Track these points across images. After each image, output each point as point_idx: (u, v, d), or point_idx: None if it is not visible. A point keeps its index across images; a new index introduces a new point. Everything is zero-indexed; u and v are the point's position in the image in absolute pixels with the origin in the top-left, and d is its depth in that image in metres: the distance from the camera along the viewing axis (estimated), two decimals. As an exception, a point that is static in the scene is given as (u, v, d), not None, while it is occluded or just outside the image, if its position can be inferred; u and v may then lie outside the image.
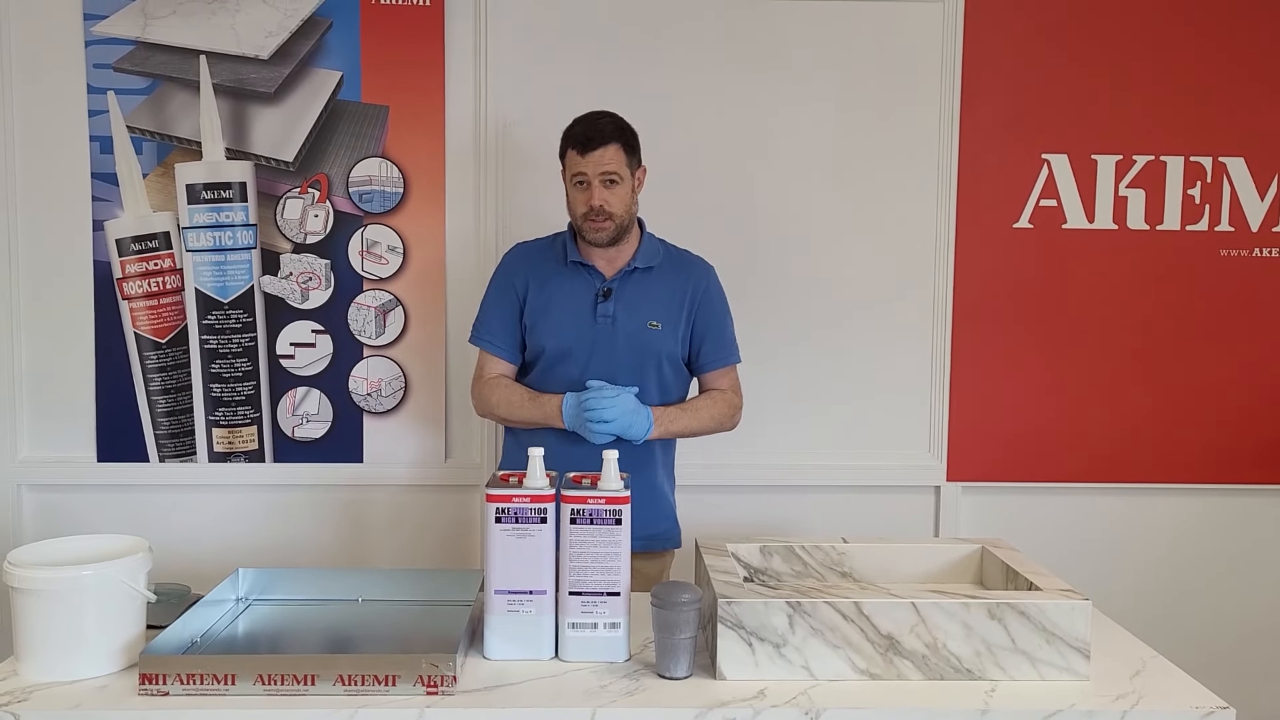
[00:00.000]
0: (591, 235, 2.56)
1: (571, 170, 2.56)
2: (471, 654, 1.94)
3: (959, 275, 3.26)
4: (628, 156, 2.57)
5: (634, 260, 2.63)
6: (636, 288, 2.63)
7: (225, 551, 3.19)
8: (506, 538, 1.92)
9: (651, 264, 2.65)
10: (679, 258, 2.73)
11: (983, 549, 2.24)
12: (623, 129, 2.58)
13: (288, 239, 3.16)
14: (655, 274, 2.65)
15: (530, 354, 2.65)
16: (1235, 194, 3.26)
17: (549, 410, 2.55)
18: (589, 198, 2.52)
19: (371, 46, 3.13)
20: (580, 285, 2.62)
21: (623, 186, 2.55)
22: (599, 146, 2.52)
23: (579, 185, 2.55)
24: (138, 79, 3.11)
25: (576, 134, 2.55)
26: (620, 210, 2.55)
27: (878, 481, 3.30)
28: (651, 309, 2.62)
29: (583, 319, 2.60)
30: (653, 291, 2.63)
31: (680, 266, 2.70)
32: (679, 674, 1.84)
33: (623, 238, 2.60)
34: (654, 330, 2.61)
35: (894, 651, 1.85)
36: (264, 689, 1.75)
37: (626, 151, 2.56)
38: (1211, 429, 3.32)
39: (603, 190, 2.52)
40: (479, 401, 2.70)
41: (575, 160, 2.54)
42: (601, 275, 2.62)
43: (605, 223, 2.54)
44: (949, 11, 3.20)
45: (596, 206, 2.51)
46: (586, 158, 2.52)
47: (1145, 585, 3.35)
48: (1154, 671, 1.91)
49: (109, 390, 3.17)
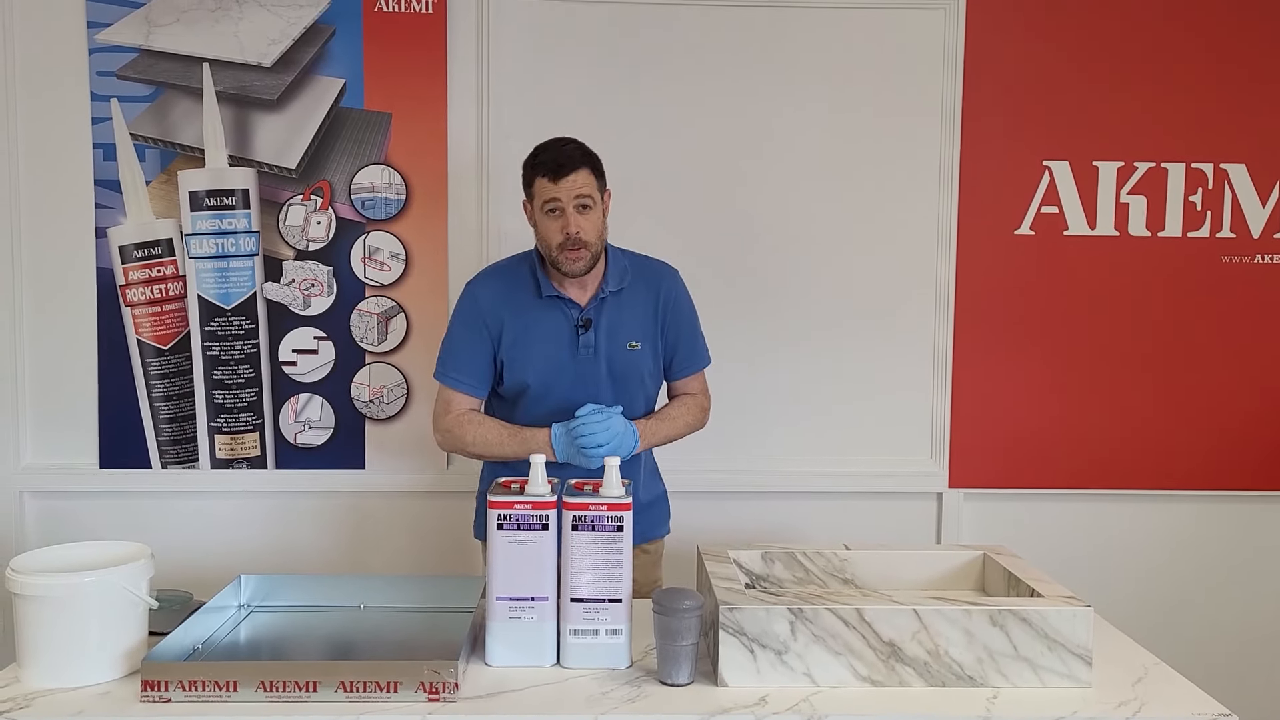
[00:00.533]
0: (568, 267, 2.48)
1: (543, 198, 2.48)
2: (473, 660, 1.94)
3: (960, 281, 3.26)
4: (597, 180, 2.52)
5: (605, 284, 2.57)
6: (613, 312, 2.59)
7: (227, 558, 3.19)
8: (508, 544, 1.92)
9: (622, 285, 2.60)
10: (643, 268, 2.67)
11: (984, 555, 2.24)
12: (589, 154, 2.52)
13: (290, 246, 3.16)
14: (626, 294, 2.61)
15: (510, 389, 2.60)
16: (1237, 200, 3.26)
17: (536, 444, 2.49)
18: (564, 224, 2.44)
19: (374, 54, 3.14)
20: (558, 319, 2.57)
21: (595, 211, 2.49)
22: (571, 172, 2.46)
23: (551, 214, 2.47)
24: (141, 86, 3.12)
25: (545, 161, 2.49)
26: (594, 237, 2.48)
27: (880, 488, 3.30)
28: (629, 330, 2.59)
29: (563, 351, 2.56)
30: (627, 312, 2.61)
31: (647, 279, 2.65)
32: (681, 681, 1.84)
33: (595, 264, 2.54)
34: (634, 351, 2.60)
35: (896, 658, 1.85)
36: (266, 696, 1.75)
37: (596, 176, 2.51)
38: (1214, 435, 3.32)
39: (577, 216, 2.45)
40: (446, 438, 2.62)
41: (546, 187, 2.47)
42: (577, 305, 2.57)
43: (581, 251, 2.46)
44: (950, 18, 3.20)
45: (574, 234, 2.44)
46: (559, 184, 2.45)
47: (1147, 592, 3.35)
48: (1156, 678, 1.91)
49: (111, 397, 3.17)
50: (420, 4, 3.13)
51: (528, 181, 2.54)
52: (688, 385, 2.73)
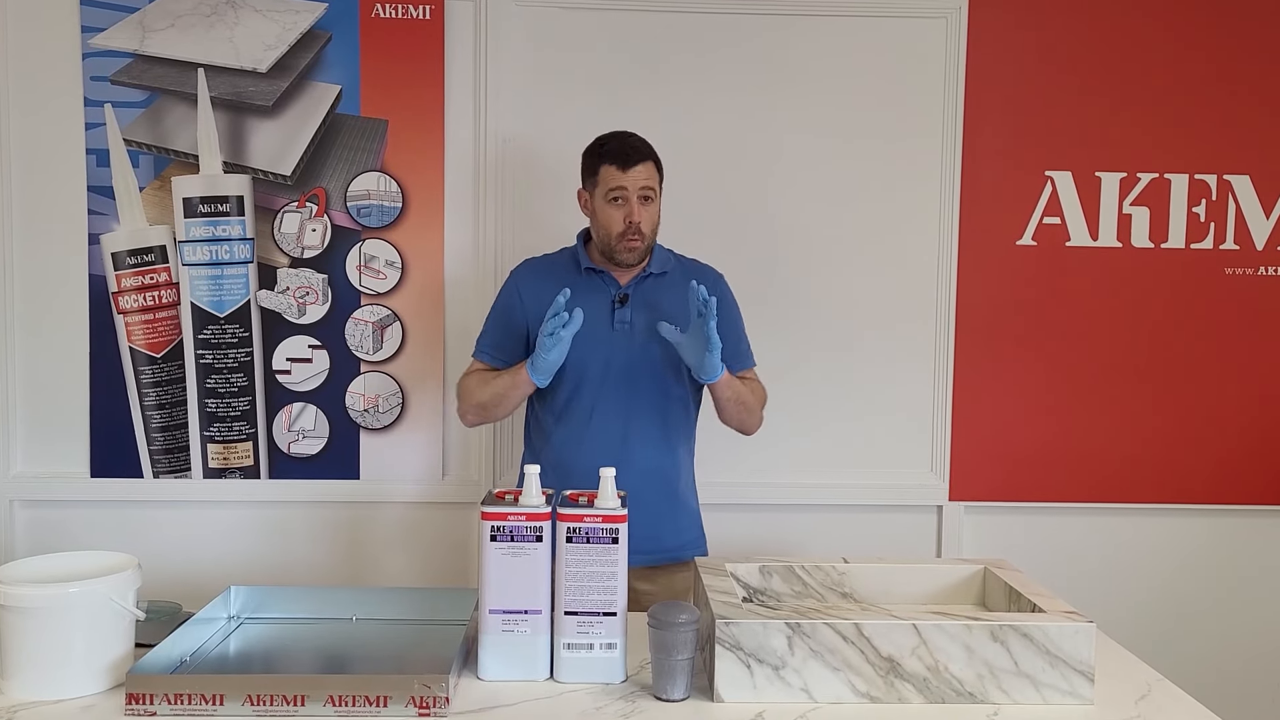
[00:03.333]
0: (623, 256, 2.57)
1: (608, 185, 2.54)
2: (465, 674, 1.91)
3: (962, 292, 3.24)
4: (659, 175, 2.60)
5: (648, 267, 2.64)
6: (652, 293, 2.64)
7: (219, 569, 3.16)
8: (502, 556, 1.89)
9: (665, 269, 2.67)
10: (690, 266, 2.75)
11: (985, 570, 2.21)
12: (653, 149, 2.60)
13: (285, 253, 3.14)
14: (669, 279, 2.66)
15: None
16: (1240, 212, 3.24)
17: (514, 368, 2.55)
18: (628, 213, 2.52)
19: (371, 60, 3.12)
20: (596, 292, 2.62)
21: (654, 204, 2.59)
22: (639, 162, 2.54)
23: (615, 202, 2.54)
24: (135, 92, 3.10)
25: (613, 150, 2.56)
26: (650, 230, 2.58)
27: (879, 501, 3.27)
28: (668, 314, 2.61)
29: (600, 326, 2.59)
30: (668, 295, 2.64)
31: (692, 274, 2.69)
32: (676, 696, 1.81)
33: (646, 257, 2.63)
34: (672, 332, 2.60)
35: (895, 674, 1.82)
36: (253, 709, 1.73)
37: (658, 170, 2.60)
38: (1217, 449, 3.30)
39: (640, 206, 2.53)
40: (459, 401, 2.69)
41: (613, 175, 2.53)
42: (616, 282, 2.63)
43: (638, 241, 2.55)
44: (952, 28, 3.18)
45: (636, 223, 2.52)
46: (627, 173, 2.52)
47: (1150, 607, 3.32)
48: (1160, 695, 1.88)
49: (103, 405, 3.15)
50: (418, 10, 3.11)
51: (591, 169, 2.60)
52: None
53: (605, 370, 2.58)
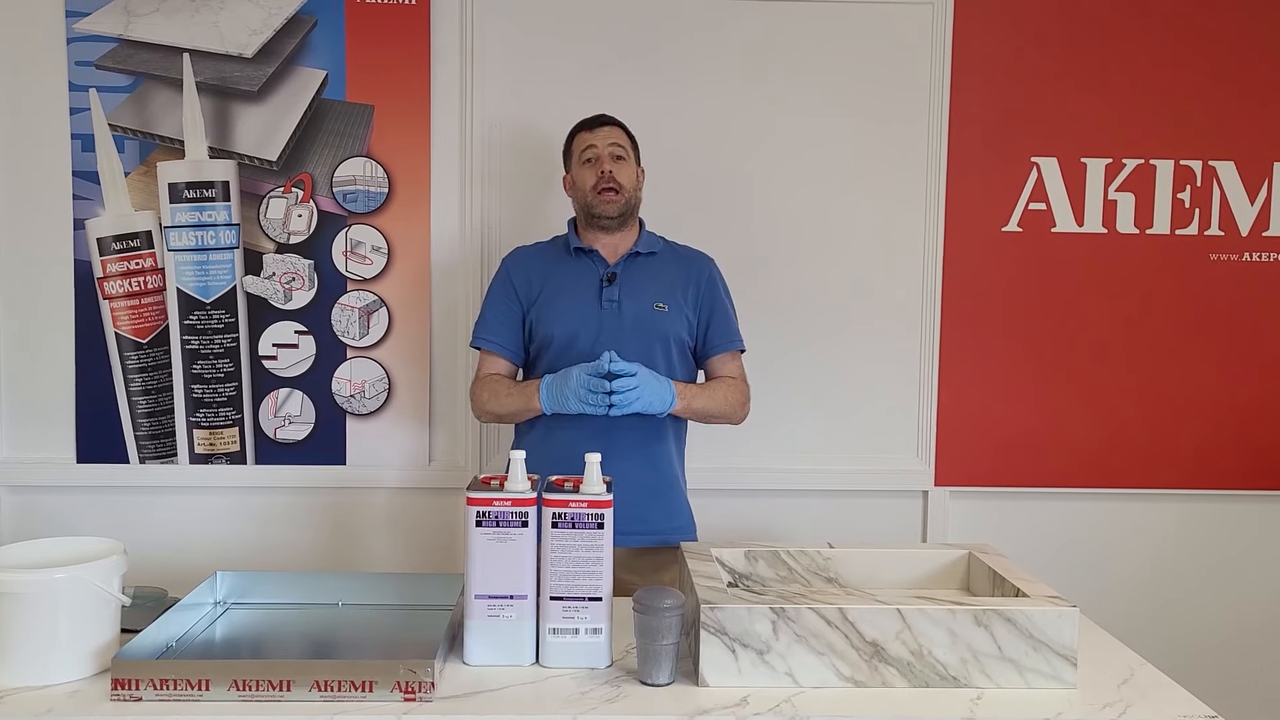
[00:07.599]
0: (601, 208, 2.61)
1: (580, 148, 2.66)
2: (451, 659, 1.91)
3: (947, 278, 3.24)
4: (632, 145, 2.71)
5: (636, 246, 2.67)
6: (640, 272, 2.66)
7: (206, 554, 3.15)
8: (487, 541, 1.89)
9: (654, 250, 2.70)
10: (680, 250, 2.78)
11: (970, 555, 2.22)
12: (623, 123, 2.72)
13: (271, 239, 3.13)
14: (658, 260, 2.70)
15: (538, 344, 2.64)
16: (1225, 198, 3.25)
17: (529, 392, 2.54)
18: (599, 168, 2.61)
19: (356, 45, 3.11)
20: (584, 272, 2.65)
21: (629, 165, 2.67)
22: (607, 125, 2.68)
23: (588, 163, 2.64)
24: (120, 76, 3.08)
25: (585, 120, 2.70)
26: (628, 184, 2.64)
27: (865, 486, 3.28)
28: (656, 292, 2.63)
29: (588, 304, 2.61)
30: (656, 275, 2.67)
31: (682, 257, 2.75)
32: (661, 681, 1.82)
33: (629, 220, 2.68)
34: (660, 312, 2.62)
35: (879, 658, 1.83)
36: (239, 695, 1.72)
37: (630, 140, 2.71)
38: (1200, 434, 3.31)
39: (612, 162, 2.62)
40: (474, 403, 2.69)
41: (584, 138, 2.66)
42: (605, 261, 2.65)
43: (615, 195, 2.61)
44: (938, 13, 3.18)
45: (607, 173, 2.60)
46: (595, 132, 2.66)
47: (1134, 591, 3.34)
48: (1142, 680, 1.89)
49: (89, 391, 3.14)
50: (404, -5, 3.10)
51: (567, 147, 2.73)
52: (724, 365, 2.72)
53: (592, 348, 2.57)
